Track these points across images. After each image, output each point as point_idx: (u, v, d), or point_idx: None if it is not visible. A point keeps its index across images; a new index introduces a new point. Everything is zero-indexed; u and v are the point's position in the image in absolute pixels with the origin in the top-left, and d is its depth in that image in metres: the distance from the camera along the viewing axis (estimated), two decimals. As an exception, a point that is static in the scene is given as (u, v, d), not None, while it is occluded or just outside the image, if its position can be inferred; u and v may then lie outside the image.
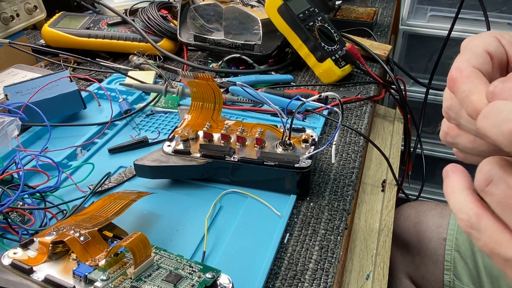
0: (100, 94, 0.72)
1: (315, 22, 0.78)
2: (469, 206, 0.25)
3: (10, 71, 0.75)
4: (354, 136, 0.66)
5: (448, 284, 0.75)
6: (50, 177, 0.50)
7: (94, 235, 0.39)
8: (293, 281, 0.44)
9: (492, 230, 0.24)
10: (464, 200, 0.26)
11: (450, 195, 0.27)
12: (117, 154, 0.60)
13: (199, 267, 0.38)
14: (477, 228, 0.25)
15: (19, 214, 0.47)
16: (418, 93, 1.26)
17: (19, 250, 0.38)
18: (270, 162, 0.51)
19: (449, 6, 1.18)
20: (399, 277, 0.81)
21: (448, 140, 0.29)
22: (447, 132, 0.29)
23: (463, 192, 0.26)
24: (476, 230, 0.25)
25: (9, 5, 0.84)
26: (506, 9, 1.13)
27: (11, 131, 0.55)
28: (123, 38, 0.85)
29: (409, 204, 0.88)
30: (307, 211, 0.52)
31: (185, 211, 0.50)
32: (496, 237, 0.24)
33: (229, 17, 0.80)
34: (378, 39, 0.97)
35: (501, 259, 0.24)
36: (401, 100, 0.81)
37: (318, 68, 0.78)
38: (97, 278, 0.35)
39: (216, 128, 0.55)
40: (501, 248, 0.24)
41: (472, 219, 0.25)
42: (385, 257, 0.59)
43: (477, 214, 0.25)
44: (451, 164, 0.27)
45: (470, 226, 0.25)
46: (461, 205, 0.26)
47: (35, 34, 0.96)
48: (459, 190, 0.26)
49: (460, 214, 0.26)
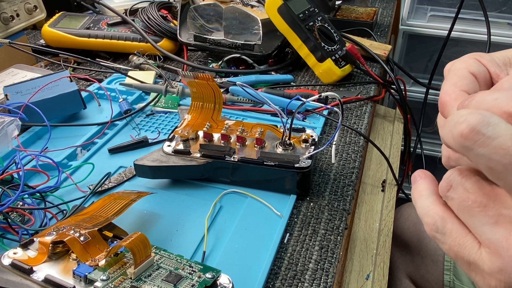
0: (100, 94, 0.72)
1: (315, 22, 0.78)
2: (434, 210, 0.26)
3: (10, 71, 0.75)
4: (354, 136, 0.66)
5: (448, 284, 0.75)
6: (50, 177, 0.50)
7: (94, 235, 0.39)
8: (293, 281, 0.44)
9: (456, 233, 0.25)
10: (430, 203, 0.26)
11: (417, 200, 0.27)
12: (117, 154, 0.60)
13: (199, 267, 0.38)
14: (442, 231, 0.25)
15: (19, 214, 0.47)
16: (418, 93, 1.26)
17: (19, 250, 0.38)
18: (270, 162, 0.51)
19: (449, 6, 1.18)
20: (399, 277, 0.81)
21: (451, 164, 0.30)
22: (449, 157, 0.30)
23: (429, 197, 0.27)
24: (441, 233, 0.26)
25: (9, 5, 0.84)
26: (506, 9, 1.13)
27: (11, 131, 0.55)
28: (123, 38, 0.85)
29: (409, 204, 0.88)
30: (307, 211, 0.52)
31: (185, 211, 0.50)
32: (460, 240, 0.25)
33: (229, 17, 0.80)
34: (378, 39, 0.97)
35: (465, 262, 0.25)
36: (401, 100, 0.81)
37: (318, 68, 0.78)
38: (97, 278, 0.35)
39: (216, 128, 0.55)
40: (464, 251, 0.24)
41: (437, 223, 0.26)
42: (385, 257, 0.59)
43: (442, 217, 0.26)
44: (419, 170, 0.28)
45: (435, 229, 0.26)
46: (427, 209, 0.26)
47: (35, 34, 0.96)
48: (426, 195, 0.27)
49: (426, 218, 0.26)
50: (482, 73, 0.28)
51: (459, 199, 0.24)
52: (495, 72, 0.28)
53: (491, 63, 0.29)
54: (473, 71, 0.28)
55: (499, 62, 0.29)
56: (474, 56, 0.29)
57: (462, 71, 0.28)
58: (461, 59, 0.29)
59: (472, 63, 0.28)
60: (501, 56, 0.29)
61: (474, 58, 0.29)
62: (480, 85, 0.28)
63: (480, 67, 0.28)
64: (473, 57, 0.29)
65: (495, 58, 0.29)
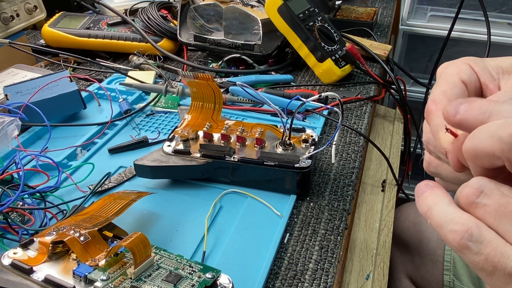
0: (100, 94, 0.72)
1: (315, 22, 0.78)
2: (464, 216, 0.23)
3: (10, 71, 0.75)
4: (354, 136, 0.66)
5: (448, 284, 0.75)
6: (50, 177, 0.50)
7: (94, 235, 0.39)
8: (293, 281, 0.44)
9: (496, 242, 0.22)
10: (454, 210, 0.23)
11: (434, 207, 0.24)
12: (117, 154, 0.60)
13: (199, 267, 0.38)
14: (479, 239, 0.22)
15: (19, 214, 0.47)
16: (418, 93, 1.26)
17: (19, 250, 0.38)
18: (270, 162, 0.51)
19: (449, 6, 1.18)
20: (399, 277, 0.81)
21: (431, 170, 0.30)
22: (430, 162, 0.29)
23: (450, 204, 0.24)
24: (476, 242, 0.22)
25: (9, 5, 0.84)
26: (506, 9, 1.13)
27: (11, 131, 0.55)
28: (123, 38, 0.85)
29: (409, 204, 0.88)
30: (307, 211, 0.52)
31: (185, 211, 0.50)
32: (502, 249, 0.22)
33: (229, 17, 0.80)
34: (378, 39, 0.97)
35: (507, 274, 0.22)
36: (401, 100, 0.81)
37: (318, 68, 0.78)
38: (97, 278, 0.35)
39: (216, 128, 0.55)
40: (507, 262, 0.21)
41: (472, 230, 0.22)
42: (385, 257, 0.59)
43: (477, 224, 0.22)
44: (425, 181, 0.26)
45: (469, 238, 0.22)
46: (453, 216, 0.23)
47: (35, 34, 0.96)
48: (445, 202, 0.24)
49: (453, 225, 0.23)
50: (473, 81, 0.28)
51: (496, 204, 0.22)
52: (484, 82, 0.28)
53: (484, 71, 0.28)
54: (464, 79, 0.28)
55: (492, 70, 0.28)
56: (467, 61, 0.29)
57: (453, 77, 0.28)
58: (455, 64, 0.29)
59: (464, 69, 0.28)
60: (494, 64, 0.29)
61: (467, 64, 0.29)
62: (469, 93, 0.28)
63: (472, 75, 0.28)
64: (466, 62, 0.29)
65: (488, 66, 0.29)
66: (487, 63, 0.29)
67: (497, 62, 0.29)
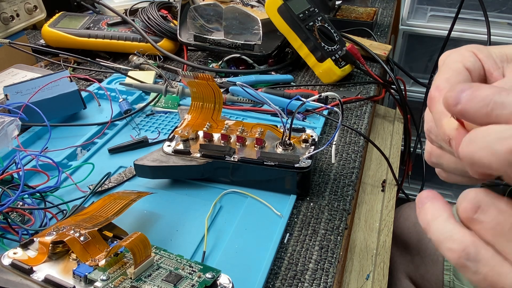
0: (100, 94, 0.72)
1: (315, 22, 0.78)
2: (462, 234, 0.22)
3: (10, 71, 0.75)
4: (354, 136, 0.66)
5: (448, 284, 0.75)
6: (50, 177, 0.50)
7: (94, 235, 0.39)
8: (293, 281, 0.44)
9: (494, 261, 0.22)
10: (453, 227, 0.23)
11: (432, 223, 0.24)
12: (117, 154, 0.60)
13: (199, 267, 0.38)
14: (476, 258, 0.22)
15: (19, 214, 0.47)
16: (418, 93, 1.26)
17: (19, 250, 0.38)
18: (270, 162, 0.51)
19: (449, 6, 1.18)
20: (399, 277, 0.81)
21: (433, 161, 0.29)
22: (431, 153, 0.28)
23: (448, 219, 0.23)
24: (474, 261, 0.22)
25: (9, 5, 0.84)
26: (506, 9, 1.13)
27: (11, 131, 0.55)
28: (123, 38, 0.85)
29: (409, 204, 0.88)
30: (307, 211, 0.52)
31: (185, 211, 0.50)
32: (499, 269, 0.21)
33: (229, 17, 0.80)
34: (378, 39, 0.97)
35: None
36: (401, 100, 0.81)
37: (318, 68, 0.78)
38: (97, 278, 0.35)
39: (216, 128, 0.55)
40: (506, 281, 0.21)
41: (469, 249, 0.22)
42: (385, 257, 0.59)
43: (473, 242, 0.22)
44: (427, 191, 0.26)
45: (466, 257, 0.22)
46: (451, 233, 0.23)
47: (35, 34, 0.96)
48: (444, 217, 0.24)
49: (450, 244, 0.23)
50: (477, 69, 0.27)
51: (493, 222, 0.21)
52: (489, 69, 0.27)
53: (488, 58, 0.28)
54: (468, 66, 0.27)
55: (496, 58, 0.28)
56: (471, 48, 0.28)
57: (457, 64, 0.27)
58: (458, 51, 0.28)
59: (468, 56, 0.27)
60: (498, 52, 0.28)
61: (471, 51, 0.28)
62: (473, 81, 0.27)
63: (476, 62, 0.27)
64: (470, 49, 0.28)
65: (492, 54, 0.28)
66: (491, 51, 0.28)
67: (501, 50, 0.28)
